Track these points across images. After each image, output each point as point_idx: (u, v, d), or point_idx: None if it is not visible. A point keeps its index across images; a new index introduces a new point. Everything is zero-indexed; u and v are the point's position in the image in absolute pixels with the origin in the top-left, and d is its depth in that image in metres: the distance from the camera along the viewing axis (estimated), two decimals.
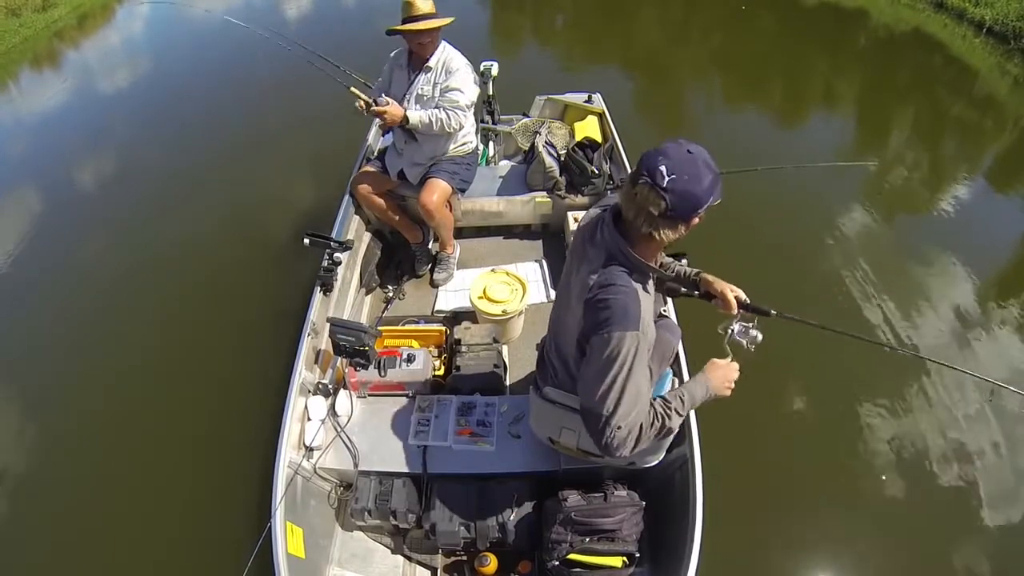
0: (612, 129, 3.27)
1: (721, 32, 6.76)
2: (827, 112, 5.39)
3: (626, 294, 1.32)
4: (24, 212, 4.67)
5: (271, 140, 4.76)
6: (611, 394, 1.30)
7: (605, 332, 1.31)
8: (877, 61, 6.04)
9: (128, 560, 2.40)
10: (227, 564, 1.69)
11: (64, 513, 2.59)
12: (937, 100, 5.39)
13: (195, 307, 3.45)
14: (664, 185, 1.23)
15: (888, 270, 3.38)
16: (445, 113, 2.58)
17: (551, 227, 3.25)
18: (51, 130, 6.03)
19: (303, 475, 1.98)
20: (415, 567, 2.09)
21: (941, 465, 2.54)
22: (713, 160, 1.28)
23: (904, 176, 4.33)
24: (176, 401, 2.95)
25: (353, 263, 2.89)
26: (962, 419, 2.69)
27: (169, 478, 2.63)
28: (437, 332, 2.54)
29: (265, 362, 2.84)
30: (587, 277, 1.39)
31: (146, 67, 7.15)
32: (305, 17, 7.76)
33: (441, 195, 2.74)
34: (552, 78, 5.32)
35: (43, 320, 3.56)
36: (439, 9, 2.51)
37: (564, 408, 1.66)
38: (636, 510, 1.85)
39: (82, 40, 8.33)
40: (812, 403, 2.77)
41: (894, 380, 2.85)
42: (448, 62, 2.58)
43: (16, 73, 7.44)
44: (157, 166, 4.91)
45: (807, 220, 3.77)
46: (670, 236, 1.31)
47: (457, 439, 2.08)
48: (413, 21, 2.45)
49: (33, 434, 2.99)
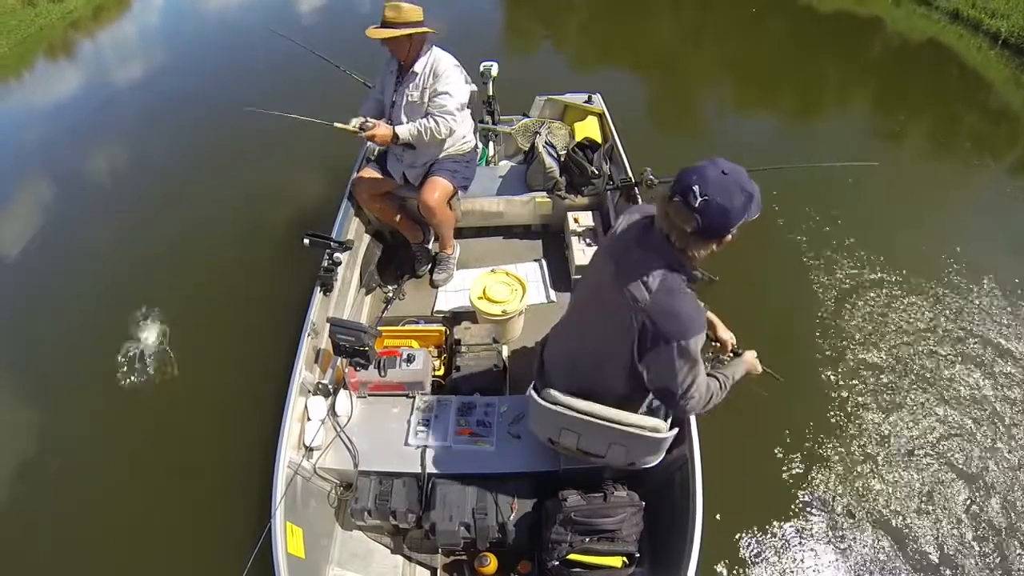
0: (612, 129, 3.27)
1: (733, 36, 6.67)
2: (838, 118, 5.30)
3: (691, 301, 1.41)
4: (29, 203, 4.71)
5: (271, 140, 4.75)
6: (686, 379, 1.46)
7: (681, 340, 1.40)
8: (891, 70, 5.95)
9: (128, 560, 2.40)
10: (227, 564, 1.69)
11: (64, 513, 2.59)
12: (951, 110, 5.32)
13: (195, 307, 3.45)
14: (696, 205, 1.26)
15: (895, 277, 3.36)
16: (434, 121, 2.55)
17: (551, 227, 3.25)
18: (50, 123, 6.05)
19: (303, 475, 1.98)
20: (415, 567, 2.09)
21: (941, 463, 2.55)
22: (749, 181, 1.30)
23: (915, 184, 4.24)
24: (176, 401, 2.95)
25: (353, 263, 2.89)
26: (969, 421, 2.70)
27: (169, 478, 2.63)
28: (437, 332, 2.54)
29: (265, 362, 2.83)
30: (644, 279, 1.40)
31: (154, 61, 7.19)
32: (308, 15, 7.78)
33: (443, 193, 2.74)
34: (559, 77, 5.32)
35: (42, 319, 3.56)
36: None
37: (564, 409, 1.66)
38: (636, 510, 1.85)
39: (97, 31, 8.43)
40: (812, 403, 2.78)
41: (889, 376, 2.87)
42: (435, 66, 2.56)
43: (32, 62, 7.56)
44: (156, 165, 4.91)
45: (811, 220, 3.77)
46: (701, 253, 1.39)
47: (457, 439, 2.08)
48: (391, 27, 2.43)
49: (32, 433, 2.98)
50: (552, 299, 2.88)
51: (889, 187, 4.00)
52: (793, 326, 3.10)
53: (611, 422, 1.61)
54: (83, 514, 2.57)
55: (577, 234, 2.95)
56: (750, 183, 1.30)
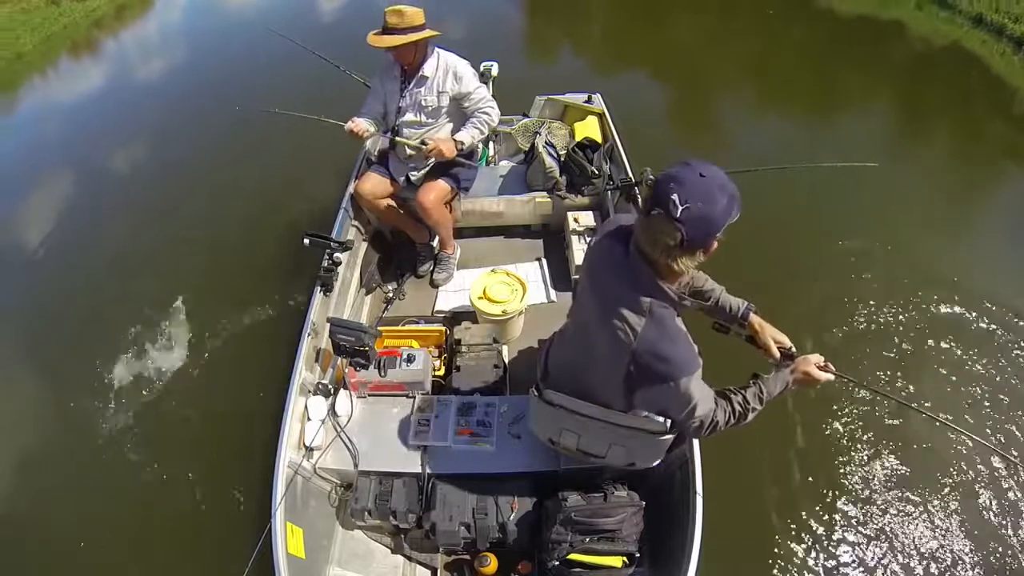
0: (612, 129, 3.27)
1: (751, 38, 6.59)
2: (854, 122, 5.18)
3: (680, 339, 1.33)
4: (42, 195, 4.79)
5: (271, 140, 4.76)
6: (684, 414, 1.42)
7: (672, 383, 1.34)
8: (912, 74, 5.87)
9: (129, 560, 2.40)
10: (228, 564, 1.69)
11: (65, 513, 2.59)
12: (973, 116, 5.25)
13: (194, 307, 3.45)
14: (678, 216, 1.16)
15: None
16: (484, 114, 2.60)
17: (551, 227, 3.25)
18: (70, 118, 6.18)
19: (303, 475, 1.98)
20: (415, 567, 2.09)
21: (941, 462, 2.55)
22: (728, 180, 1.22)
23: (935, 192, 4.20)
24: (176, 401, 2.95)
25: (353, 263, 2.89)
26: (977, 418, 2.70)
27: (169, 478, 2.63)
28: (437, 332, 2.54)
29: (265, 362, 2.84)
30: (628, 320, 1.33)
31: (174, 59, 7.30)
32: (310, 15, 7.80)
33: (439, 195, 2.74)
34: (559, 76, 5.28)
35: (41, 317, 3.56)
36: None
37: (564, 410, 1.65)
38: (636, 510, 1.85)
39: (119, 29, 8.57)
40: (812, 402, 2.78)
41: (895, 373, 2.86)
42: (452, 68, 2.56)
43: (55, 59, 7.71)
44: (161, 165, 4.92)
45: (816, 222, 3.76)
46: (689, 265, 1.27)
47: (457, 439, 2.08)
48: (391, 34, 2.41)
49: (31, 432, 2.98)
50: (552, 299, 2.88)
51: (911, 191, 3.94)
52: (794, 325, 3.10)
53: (611, 423, 1.60)
54: (83, 515, 2.57)
55: (577, 234, 2.95)
56: (730, 183, 1.21)
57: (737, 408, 1.46)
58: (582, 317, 1.57)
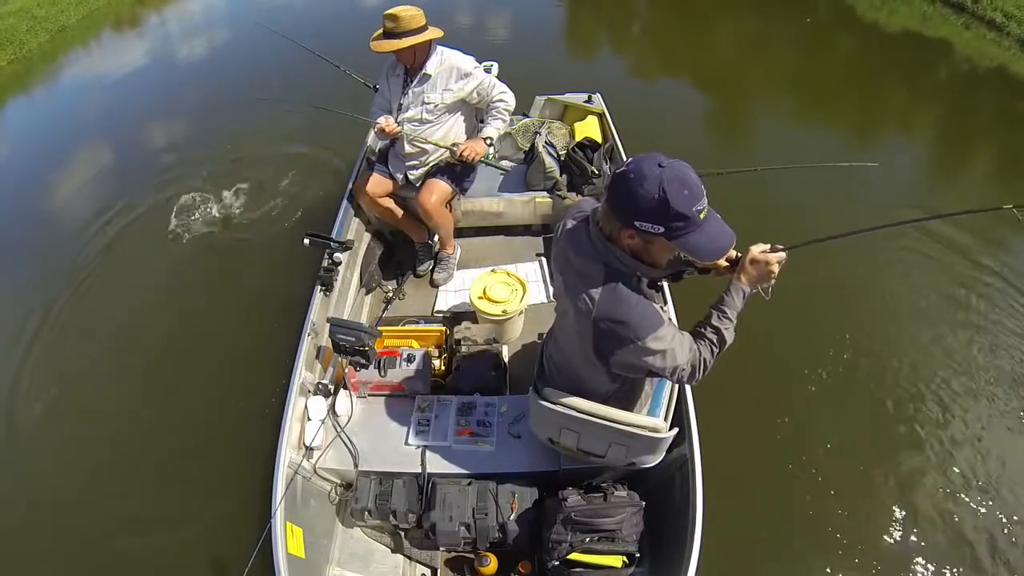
0: (612, 129, 3.27)
1: (792, 50, 6.52)
2: (897, 141, 5.12)
3: (634, 301, 1.34)
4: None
5: (272, 139, 4.76)
6: (663, 367, 1.40)
7: (638, 342, 1.35)
8: (957, 94, 5.75)
9: (129, 560, 2.40)
10: (228, 564, 1.70)
11: (65, 514, 2.59)
12: (1019, 141, 5.04)
13: (194, 307, 3.45)
14: (612, 175, 1.24)
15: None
16: (501, 103, 2.63)
17: (551, 227, 3.25)
18: (109, 91, 6.36)
19: (303, 475, 1.98)
20: (415, 567, 2.09)
21: (942, 463, 2.55)
22: (679, 193, 1.19)
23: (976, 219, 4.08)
24: (176, 401, 2.95)
25: (353, 263, 2.89)
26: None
27: (169, 478, 2.63)
28: (437, 332, 2.54)
29: (265, 362, 2.84)
30: (587, 291, 1.36)
31: (214, 40, 7.39)
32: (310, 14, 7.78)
33: (440, 196, 2.74)
34: (562, 76, 5.28)
35: (40, 316, 3.56)
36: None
37: (565, 409, 1.65)
38: (636, 510, 1.85)
39: (162, 6, 8.77)
40: (813, 400, 2.78)
41: (895, 373, 2.86)
42: (455, 65, 2.56)
43: (98, 33, 8.12)
44: (156, 162, 4.90)
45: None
46: (623, 237, 1.29)
47: (457, 439, 2.09)
48: (389, 38, 2.42)
49: (31, 431, 2.97)
50: (552, 299, 2.88)
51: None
52: (792, 323, 3.10)
53: (611, 422, 1.61)
54: (84, 515, 2.57)
55: None
56: (681, 187, 1.19)
57: (711, 336, 1.47)
58: (560, 305, 1.61)
